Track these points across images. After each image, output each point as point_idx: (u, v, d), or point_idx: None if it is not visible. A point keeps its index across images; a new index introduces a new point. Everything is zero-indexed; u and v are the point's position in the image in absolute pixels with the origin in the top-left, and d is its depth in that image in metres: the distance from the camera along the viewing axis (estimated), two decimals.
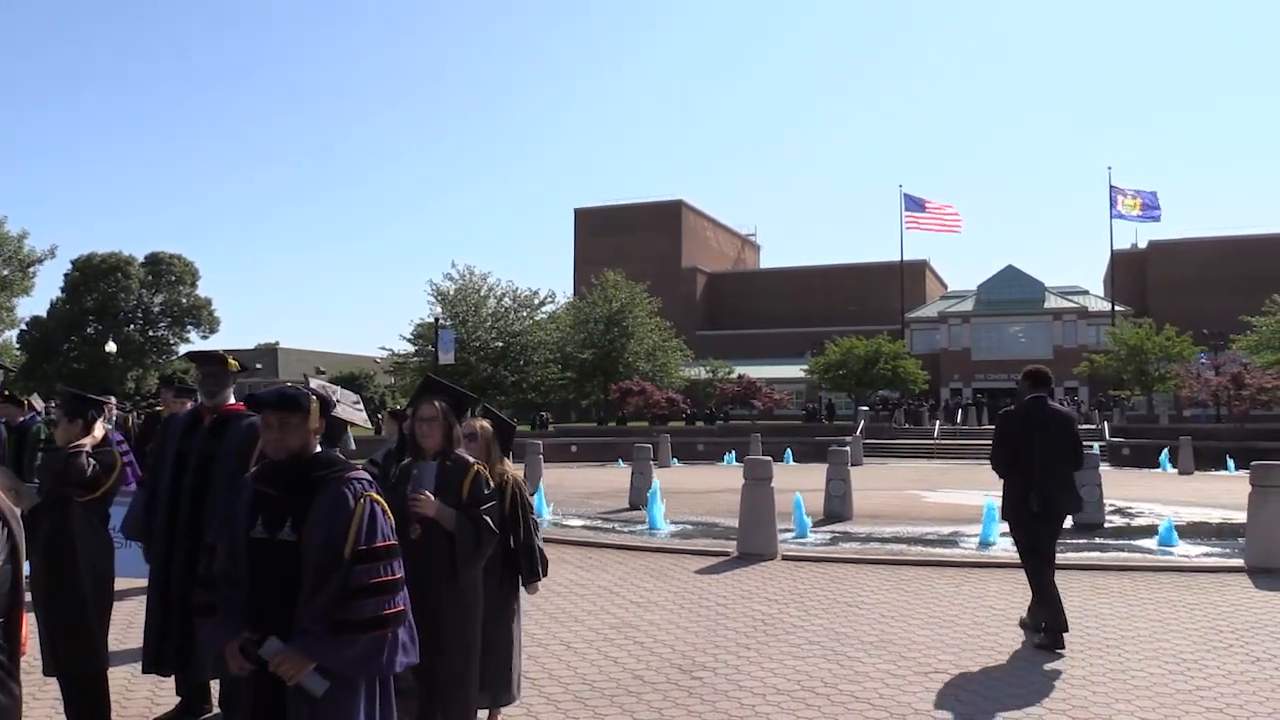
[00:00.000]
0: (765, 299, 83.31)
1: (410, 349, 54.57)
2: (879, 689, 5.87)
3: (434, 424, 4.34)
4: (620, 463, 31.22)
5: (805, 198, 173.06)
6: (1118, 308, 65.15)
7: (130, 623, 6.96)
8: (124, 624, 7.00)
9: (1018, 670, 6.31)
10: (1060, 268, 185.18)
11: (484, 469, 4.45)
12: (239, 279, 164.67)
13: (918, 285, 78.37)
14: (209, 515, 4.77)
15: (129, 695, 5.63)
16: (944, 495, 20.37)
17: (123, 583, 5.77)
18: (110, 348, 57.67)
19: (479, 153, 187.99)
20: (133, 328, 66.96)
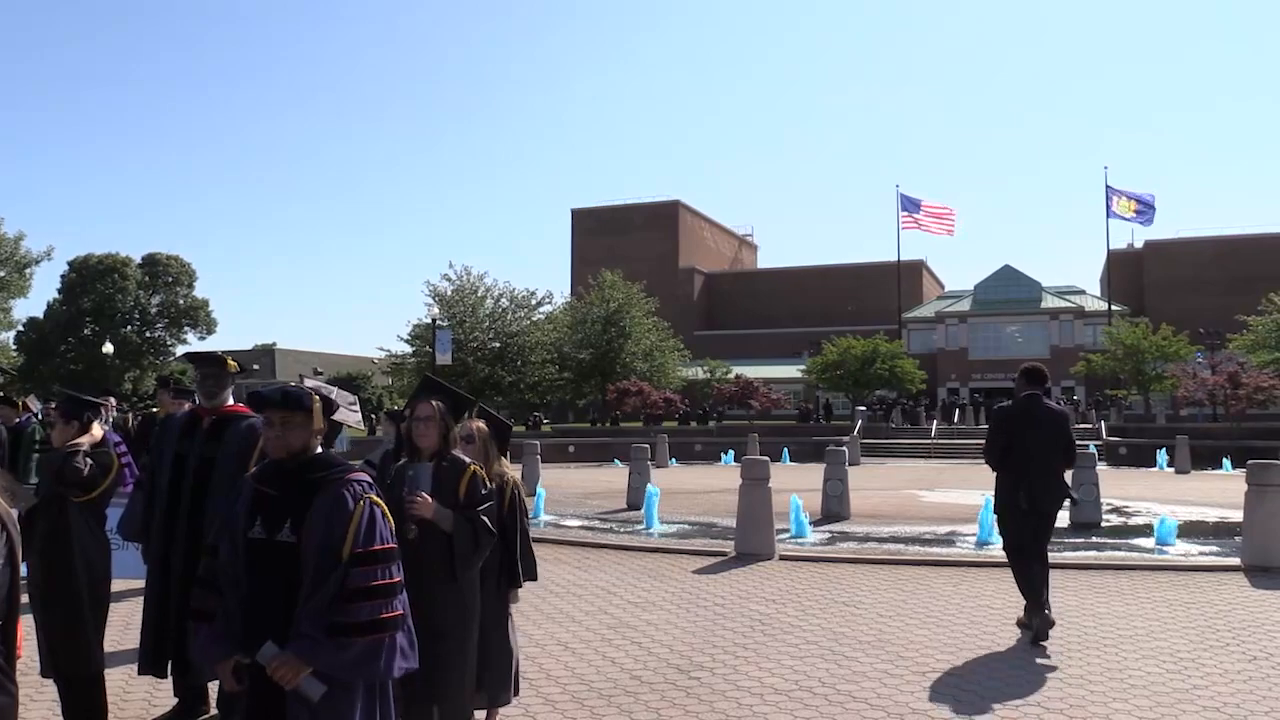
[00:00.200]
0: (762, 299, 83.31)
1: (408, 350, 54.49)
2: (876, 688, 5.88)
3: (430, 424, 4.32)
4: (618, 463, 31.22)
5: (802, 198, 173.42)
6: (1114, 307, 65.21)
7: (128, 624, 6.96)
8: (121, 625, 7.00)
9: (1015, 669, 6.32)
10: (1057, 268, 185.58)
11: (480, 469, 4.44)
12: (236, 280, 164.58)
13: (915, 285, 78.43)
14: (207, 517, 4.77)
15: (126, 696, 5.63)
16: (941, 495, 20.39)
17: (120, 583, 5.76)
18: (107, 349, 57.56)
19: (476, 153, 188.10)
20: (130, 329, 66.79)
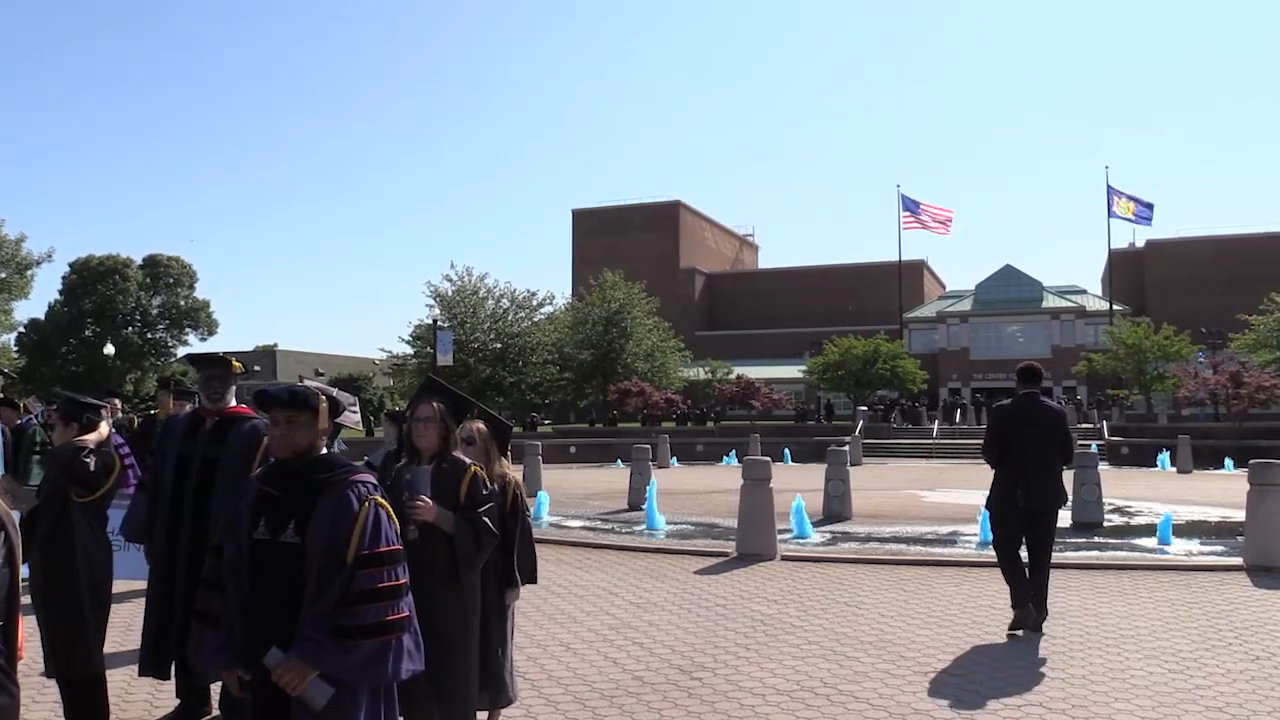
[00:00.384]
0: (763, 299, 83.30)
1: (409, 350, 54.50)
2: (878, 689, 5.88)
3: (430, 424, 4.30)
4: (619, 463, 31.20)
5: (803, 198, 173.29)
6: (1116, 307, 65.21)
7: (129, 625, 6.95)
8: (123, 626, 7.00)
9: (1017, 669, 6.32)
10: (1058, 267, 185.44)
11: (481, 470, 4.43)
12: (237, 280, 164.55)
13: (916, 285, 78.41)
14: (211, 518, 4.76)
15: (128, 697, 5.62)
16: (943, 495, 20.37)
17: (121, 584, 5.76)
18: (108, 350, 57.62)
19: (476, 153, 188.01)
20: (131, 330, 66.77)
